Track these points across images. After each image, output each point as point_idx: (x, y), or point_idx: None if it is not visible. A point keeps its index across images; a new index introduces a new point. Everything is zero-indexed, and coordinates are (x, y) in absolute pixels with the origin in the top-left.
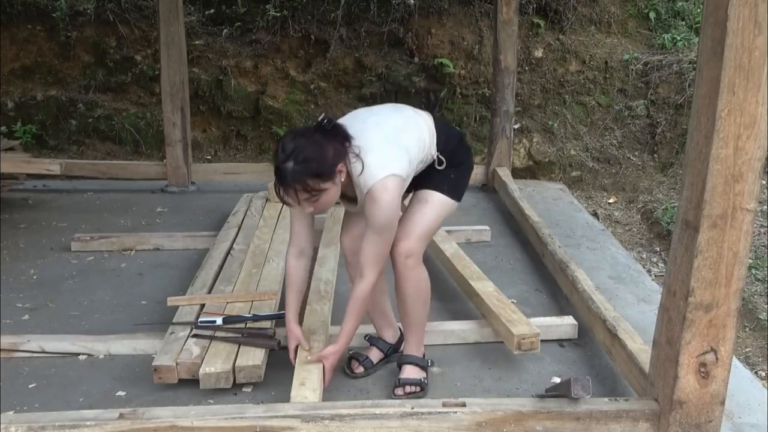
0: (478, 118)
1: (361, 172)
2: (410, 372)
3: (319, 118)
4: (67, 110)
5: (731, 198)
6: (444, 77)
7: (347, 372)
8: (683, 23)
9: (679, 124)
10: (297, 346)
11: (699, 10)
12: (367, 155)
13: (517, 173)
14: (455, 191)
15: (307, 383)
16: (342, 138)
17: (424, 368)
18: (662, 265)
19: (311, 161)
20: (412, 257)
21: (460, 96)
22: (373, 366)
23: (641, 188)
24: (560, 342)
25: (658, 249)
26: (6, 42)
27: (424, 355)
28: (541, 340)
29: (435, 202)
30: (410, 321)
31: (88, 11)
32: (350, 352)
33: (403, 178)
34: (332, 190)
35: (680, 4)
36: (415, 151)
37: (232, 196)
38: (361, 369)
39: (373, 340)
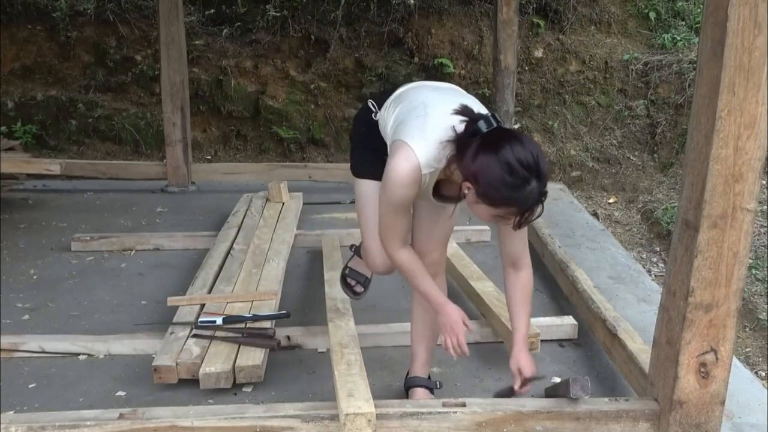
0: None
1: None
2: (423, 396)
3: (516, 126)
4: (67, 110)
5: (731, 198)
6: (444, 77)
7: (349, 294)
8: (683, 23)
9: (679, 124)
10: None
11: (699, 10)
12: None
13: None
14: None
15: (356, 393)
16: None
17: (432, 391)
18: (662, 265)
19: (548, 169)
20: (441, 265)
21: None
22: (370, 281)
23: (641, 188)
24: (560, 342)
25: (658, 249)
26: (6, 42)
27: (429, 376)
28: (541, 340)
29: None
30: (431, 337)
31: (88, 11)
32: (345, 272)
33: None
34: None
35: (680, 4)
36: None
37: (232, 196)
38: (361, 289)
39: (358, 251)
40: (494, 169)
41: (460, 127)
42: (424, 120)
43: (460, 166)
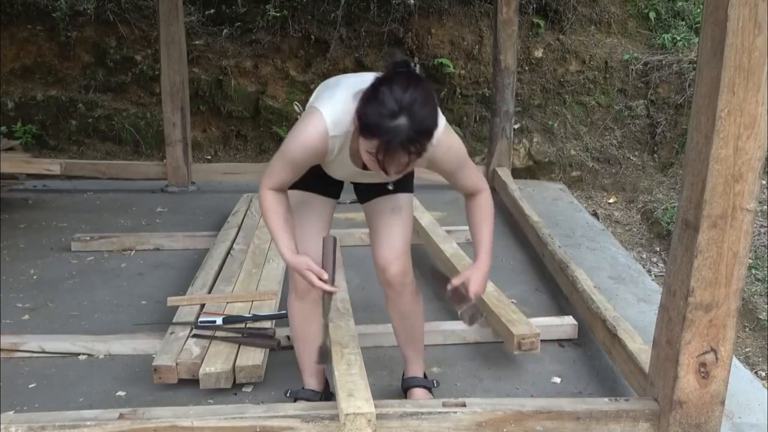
0: (478, 118)
1: None
2: (422, 396)
3: (400, 60)
4: (67, 110)
5: (731, 198)
6: (444, 77)
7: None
8: (683, 23)
9: (679, 124)
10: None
11: (699, 10)
12: None
13: (517, 173)
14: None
15: (356, 393)
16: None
17: (430, 389)
18: (662, 265)
19: (430, 116)
20: (408, 273)
21: (460, 96)
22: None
23: (641, 188)
24: (560, 342)
25: (658, 249)
26: (6, 42)
27: (425, 375)
28: (541, 340)
29: (409, 206)
30: (416, 339)
31: (88, 11)
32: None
33: None
34: None
35: (680, 4)
36: None
37: (232, 196)
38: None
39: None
40: (370, 98)
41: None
42: (335, 88)
43: None
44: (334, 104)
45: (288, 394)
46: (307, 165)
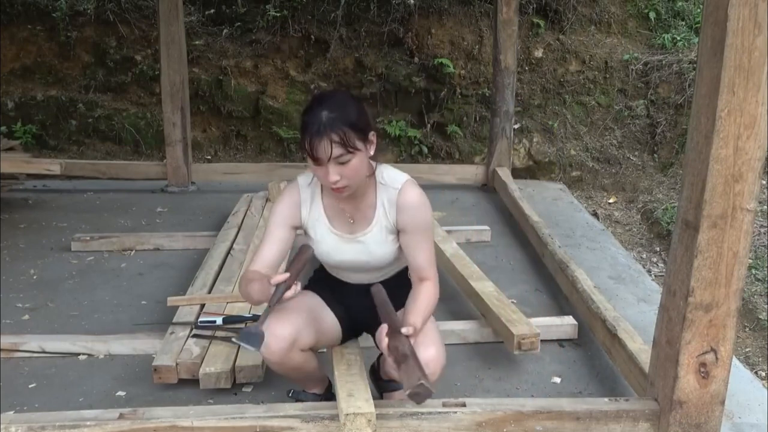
0: (478, 118)
1: (375, 173)
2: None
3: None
4: (67, 110)
5: (731, 198)
6: (444, 77)
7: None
8: (683, 23)
9: (679, 124)
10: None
11: (699, 10)
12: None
13: (517, 173)
14: None
15: (356, 393)
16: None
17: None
18: (662, 265)
19: (349, 109)
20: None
21: (460, 96)
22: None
23: (641, 188)
24: (560, 342)
25: (658, 249)
26: (6, 42)
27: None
28: (541, 340)
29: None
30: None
31: (88, 11)
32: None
33: None
34: (362, 160)
35: (680, 4)
36: None
37: (232, 196)
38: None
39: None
40: (303, 111)
41: None
42: None
43: None
44: (306, 173)
45: (290, 395)
46: (285, 220)
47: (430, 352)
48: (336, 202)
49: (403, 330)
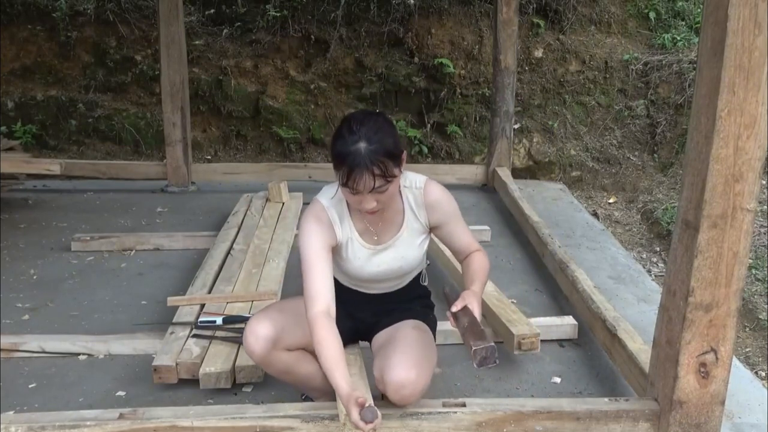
0: (478, 118)
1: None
2: None
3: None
4: (67, 110)
5: (731, 198)
6: (444, 77)
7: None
8: (683, 23)
9: (679, 124)
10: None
11: (699, 10)
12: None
13: (517, 173)
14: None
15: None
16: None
17: None
18: (662, 265)
19: (386, 138)
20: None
21: (460, 96)
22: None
23: (641, 188)
24: (560, 342)
25: (658, 249)
26: (6, 42)
27: None
28: (541, 340)
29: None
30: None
31: (88, 11)
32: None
33: None
34: (396, 184)
35: (680, 4)
36: None
37: (232, 196)
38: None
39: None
40: (334, 136)
41: None
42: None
43: None
44: (328, 189)
45: (303, 398)
46: (325, 244)
47: (399, 374)
48: (362, 216)
49: (452, 309)
